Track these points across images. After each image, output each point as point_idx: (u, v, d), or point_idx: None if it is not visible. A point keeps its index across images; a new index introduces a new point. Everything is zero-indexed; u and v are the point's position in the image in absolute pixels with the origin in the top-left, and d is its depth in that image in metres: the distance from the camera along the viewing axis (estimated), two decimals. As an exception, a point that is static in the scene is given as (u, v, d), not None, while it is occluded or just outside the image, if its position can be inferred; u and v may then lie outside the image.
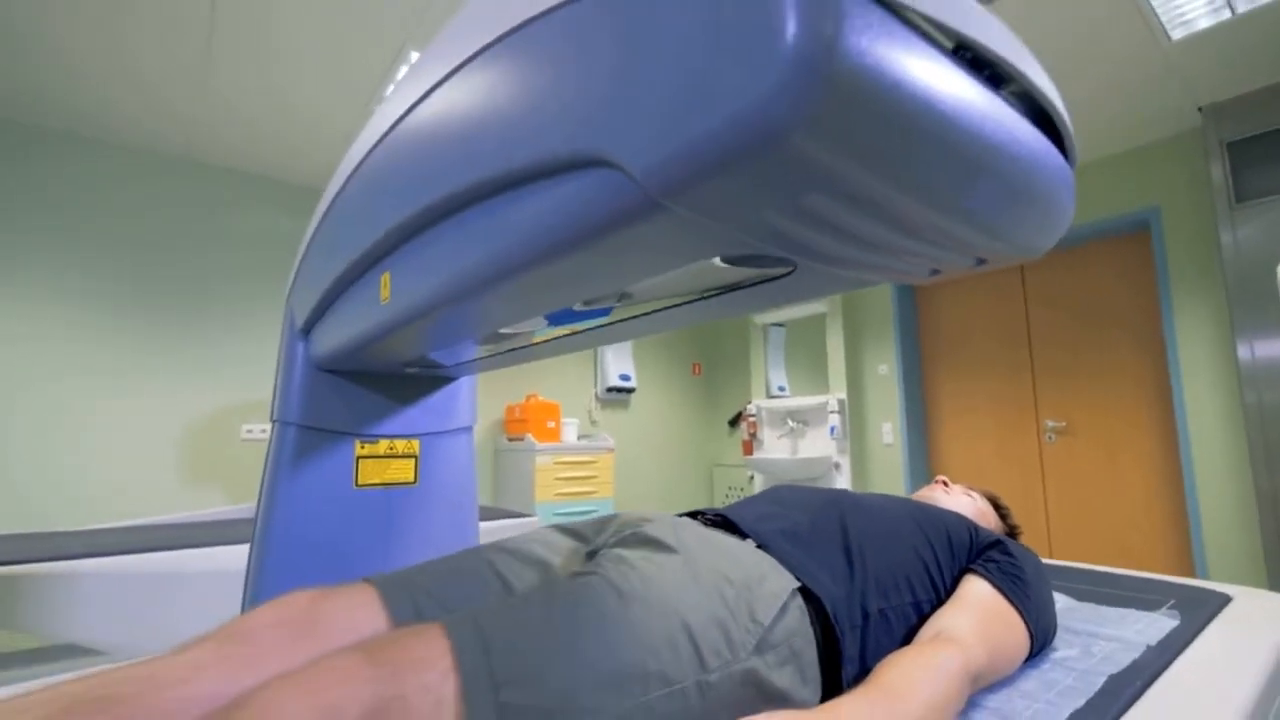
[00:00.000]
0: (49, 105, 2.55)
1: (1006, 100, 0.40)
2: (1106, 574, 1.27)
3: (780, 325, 4.53)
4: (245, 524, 2.13)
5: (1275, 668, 0.79)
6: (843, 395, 3.93)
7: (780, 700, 0.56)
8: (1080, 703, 0.67)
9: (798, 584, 0.64)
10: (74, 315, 2.66)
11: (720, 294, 0.62)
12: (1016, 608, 0.76)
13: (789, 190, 0.34)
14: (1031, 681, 0.73)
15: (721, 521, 0.76)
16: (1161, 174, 2.94)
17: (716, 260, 0.51)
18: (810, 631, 0.62)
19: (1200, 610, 0.99)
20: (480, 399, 3.89)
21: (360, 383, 1.12)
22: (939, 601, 0.78)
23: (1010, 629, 0.74)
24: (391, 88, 2.53)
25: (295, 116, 2.69)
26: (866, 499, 0.86)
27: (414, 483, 1.15)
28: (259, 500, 1.06)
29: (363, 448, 1.10)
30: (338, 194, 0.83)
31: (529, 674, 0.45)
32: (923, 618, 0.75)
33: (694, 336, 5.09)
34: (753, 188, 0.34)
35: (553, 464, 3.62)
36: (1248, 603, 1.04)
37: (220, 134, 2.80)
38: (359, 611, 0.59)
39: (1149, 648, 0.83)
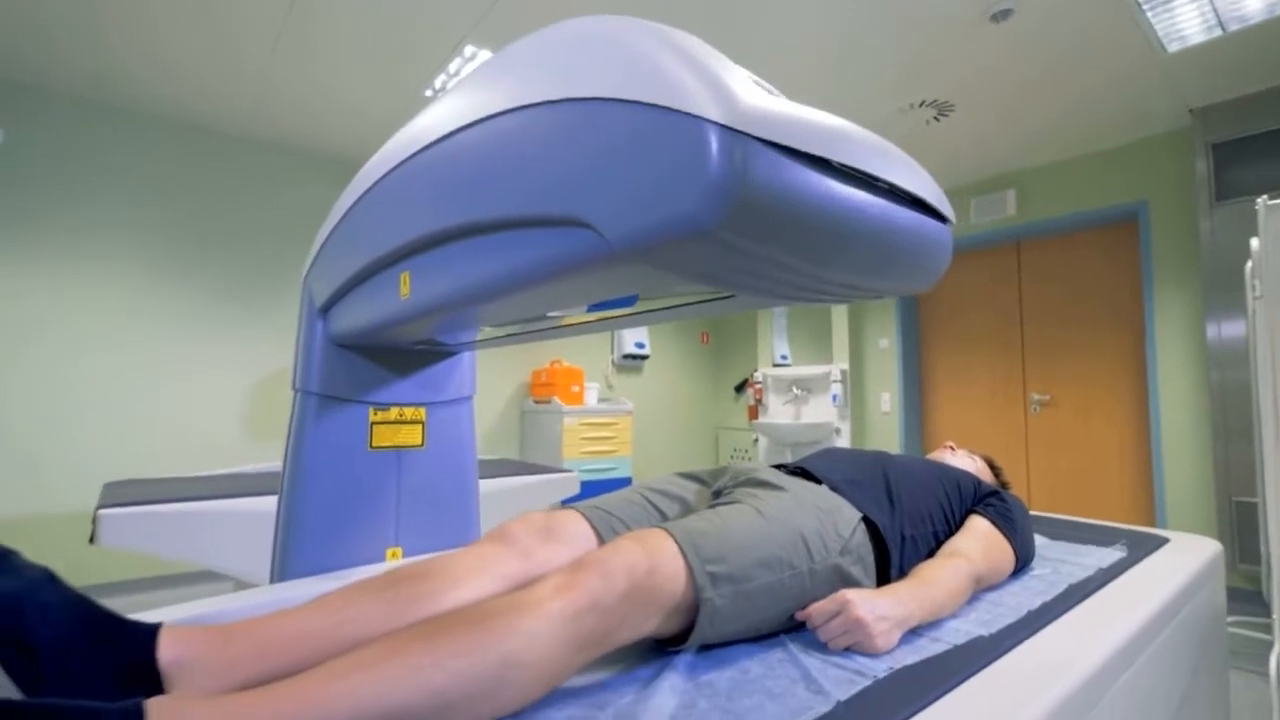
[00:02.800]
0: (150, 93, 2.71)
1: (880, 193, 0.52)
2: (1075, 522, 1.59)
3: (788, 298, 4.77)
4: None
5: (1186, 585, 1.10)
6: (845, 366, 4.22)
7: (855, 584, 0.86)
8: (1049, 598, 0.97)
9: (861, 514, 0.93)
10: (141, 274, 2.87)
11: (681, 306, 0.81)
12: (1007, 537, 1.06)
13: (717, 257, 0.47)
14: (1016, 585, 1.04)
15: (800, 471, 1.05)
16: (1151, 169, 3.16)
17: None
18: (870, 545, 0.92)
19: (1143, 547, 1.30)
20: (507, 364, 4.15)
21: (373, 357, 1.20)
22: (951, 533, 1.08)
23: (1003, 552, 1.04)
24: (442, 78, 2.71)
25: (352, 104, 2.86)
26: (900, 459, 1.15)
27: (422, 445, 1.26)
28: (284, 459, 1.15)
29: (376, 414, 1.20)
30: (363, 195, 0.89)
31: (719, 556, 0.73)
32: (939, 544, 1.05)
33: (705, 306, 5.32)
34: (691, 254, 0.47)
35: (578, 425, 3.90)
36: (1180, 543, 1.36)
37: (276, 116, 2.97)
38: (578, 525, 0.87)
39: (1100, 569, 1.14)
